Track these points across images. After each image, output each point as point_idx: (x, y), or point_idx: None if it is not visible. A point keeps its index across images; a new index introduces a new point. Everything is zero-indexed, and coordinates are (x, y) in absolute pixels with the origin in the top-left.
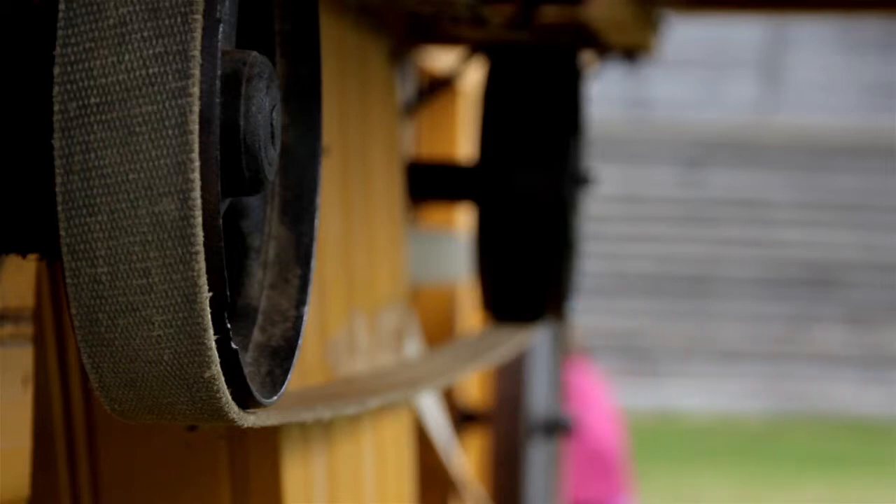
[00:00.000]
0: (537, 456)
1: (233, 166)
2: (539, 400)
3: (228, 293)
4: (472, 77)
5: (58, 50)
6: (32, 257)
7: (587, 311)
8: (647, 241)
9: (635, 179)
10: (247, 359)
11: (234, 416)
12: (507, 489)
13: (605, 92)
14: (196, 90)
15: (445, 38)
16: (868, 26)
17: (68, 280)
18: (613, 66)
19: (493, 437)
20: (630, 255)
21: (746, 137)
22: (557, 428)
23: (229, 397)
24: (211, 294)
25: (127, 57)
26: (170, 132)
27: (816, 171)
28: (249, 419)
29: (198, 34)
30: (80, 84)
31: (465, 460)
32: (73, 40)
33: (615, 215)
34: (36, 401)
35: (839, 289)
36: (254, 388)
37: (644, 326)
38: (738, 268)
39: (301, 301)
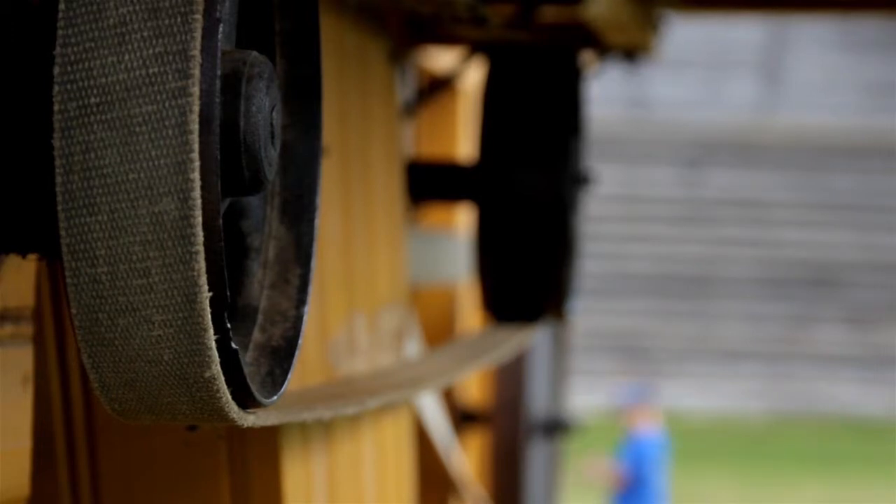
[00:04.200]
0: (537, 456)
1: (233, 166)
2: (539, 400)
3: (228, 293)
4: (472, 77)
5: (58, 50)
6: (32, 257)
7: (587, 312)
8: (647, 241)
9: (635, 179)
10: (247, 359)
11: (235, 415)
12: (506, 489)
13: (605, 92)
14: (196, 90)
15: (445, 38)
16: (868, 26)
17: (68, 280)
18: (613, 66)
19: (493, 437)
20: (630, 255)
21: (746, 137)
22: (557, 428)
23: (229, 397)
24: (211, 294)
25: (127, 57)
26: (170, 132)
27: (816, 171)
28: (249, 419)
29: (198, 34)
30: (80, 84)
31: (465, 460)
32: (73, 40)
33: (615, 215)
34: (36, 401)
35: (839, 289)
36: (254, 387)
37: (644, 326)
38: (738, 268)
39: (301, 301)
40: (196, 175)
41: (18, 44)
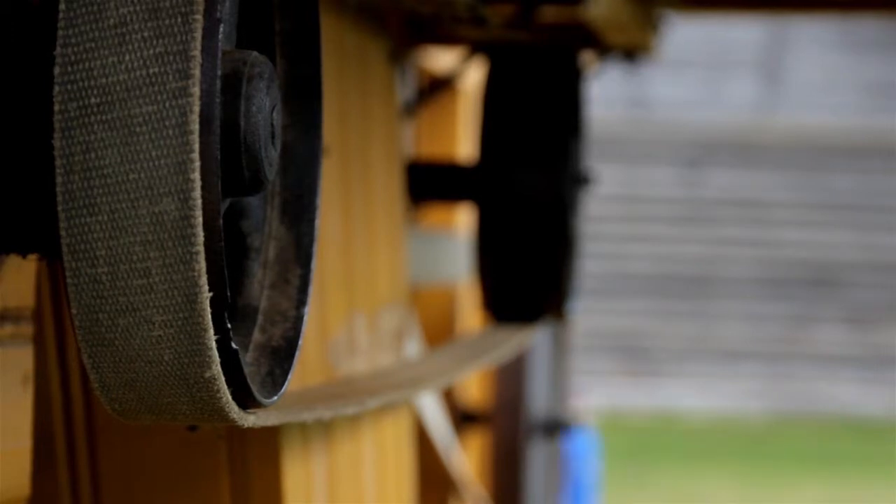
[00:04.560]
0: (537, 456)
1: (233, 166)
2: (539, 400)
3: (229, 293)
4: (473, 77)
5: (58, 50)
6: (33, 257)
7: (587, 312)
8: (647, 241)
9: (635, 179)
10: (247, 359)
11: (235, 416)
12: (507, 489)
13: (605, 92)
14: (196, 90)
15: (445, 38)
16: (868, 26)
17: (69, 280)
18: (613, 66)
19: (493, 437)
20: (630, 255)
21: (746, 137)
22: (557, 428)
23: (229, 397)
24: (211, 294)
25: (127, 57)
26: (170, 132)
27: (816, 172)
28: (250, 419)
29: (198, 34)
30: (81, 84)
31: (466, 460)
32: (73, 40)
33: (615, 215)
34: (36, 401)
35: (839, 289)
36: (254, 388)
37: (644, 327)
38: (738, 268)
39: (301, 301)
40: (196, 175)
41: (19, 44)
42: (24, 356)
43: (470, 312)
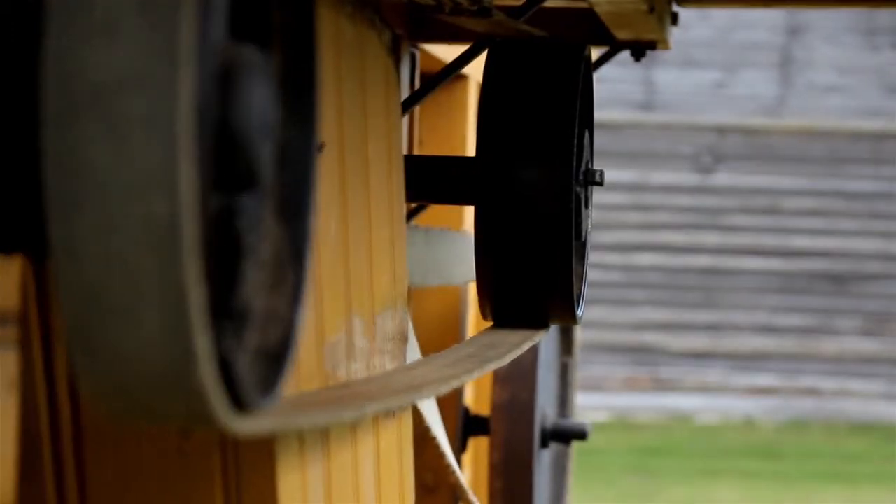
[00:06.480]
0: (541, 463)
1: (226, 163)
2: (543, 405)
3: (222, 294)
4: (476, 70)
5: (47, 43)
6: (17, 257)
7: (596, 316)
8: (658, 242)
9: (644, 179)
10: (240, 362)
11: (228, 420)
12: (509, 497)
13: (614, 89)
14: (188, 84)
15: (448, 30)
16: (886, 22)
17: (58, 281)
18: (623, 61)
19: (495, 443)
20: (640, 256)
21: (760, 136)
22: (565, 435)
23: (222, 401)
24: (204, 295)
25: (117, 51)
26: (161, 128)
27: (833, 171)
28: (243, 424)
29: (190, 27)
30: (70, 79)
31: (468, 468)
32: (62, 34)
33: (624, 217)
34: (21, 407)
35: (857, 292)
36: (247, 391)
37: (656, 330)
38: (753, 270)
39: (297, 302)
40: (188, 172)
41: (6, 38)
42: (9, 360)
43: (477, 314)
